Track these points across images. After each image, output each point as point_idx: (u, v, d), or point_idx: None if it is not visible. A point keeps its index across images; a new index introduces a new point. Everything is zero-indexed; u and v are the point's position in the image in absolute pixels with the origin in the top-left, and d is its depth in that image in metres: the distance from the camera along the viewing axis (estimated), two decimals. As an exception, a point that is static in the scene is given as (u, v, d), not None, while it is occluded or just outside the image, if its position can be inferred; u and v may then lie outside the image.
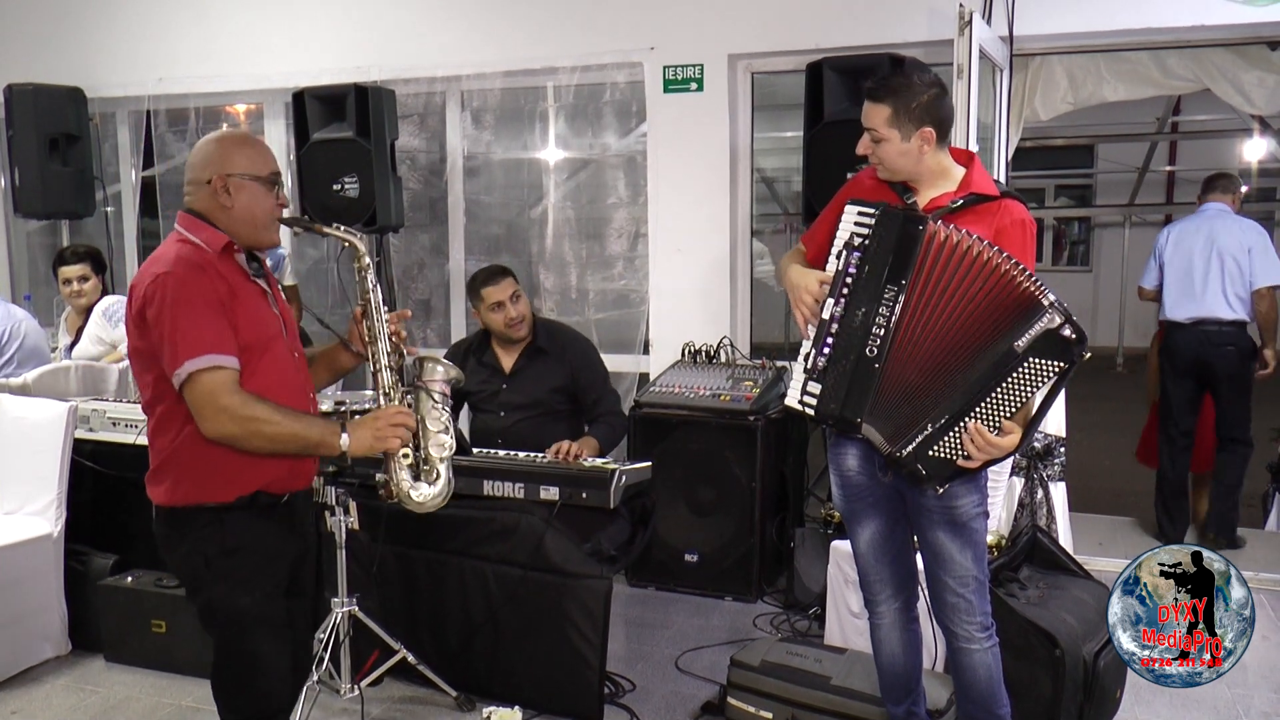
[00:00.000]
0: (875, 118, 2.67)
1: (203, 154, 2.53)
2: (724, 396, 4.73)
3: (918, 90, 2.65)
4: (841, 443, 2.84)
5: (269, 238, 2.57)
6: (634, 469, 3.71)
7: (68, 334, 5.37)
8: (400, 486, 2.60)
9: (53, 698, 3.84)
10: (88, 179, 6.21)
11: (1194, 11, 4.54)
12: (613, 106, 5.58)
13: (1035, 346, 2.44)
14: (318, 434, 2.44)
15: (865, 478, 2.82)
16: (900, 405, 2.60)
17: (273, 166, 2.57)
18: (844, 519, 2.96)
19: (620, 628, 4.32)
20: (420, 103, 5.94)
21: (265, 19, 6.02)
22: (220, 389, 2.35)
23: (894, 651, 2.98)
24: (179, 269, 2.38)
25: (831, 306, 2.64)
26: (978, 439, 2.49)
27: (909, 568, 2.96)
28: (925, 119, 2.64)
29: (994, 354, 2.49)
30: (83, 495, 4.25)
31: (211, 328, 2.36)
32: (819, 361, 2.65)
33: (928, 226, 2.54)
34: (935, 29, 4.72)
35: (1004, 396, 2.48)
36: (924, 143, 2.66)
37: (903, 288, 2.56)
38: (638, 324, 5.62)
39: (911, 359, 2.58)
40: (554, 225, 5.79)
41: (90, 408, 4.29)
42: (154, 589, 3.97)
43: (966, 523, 2.71)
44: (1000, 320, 2.48)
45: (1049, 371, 2.44)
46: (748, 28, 5.17)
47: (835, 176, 4.51)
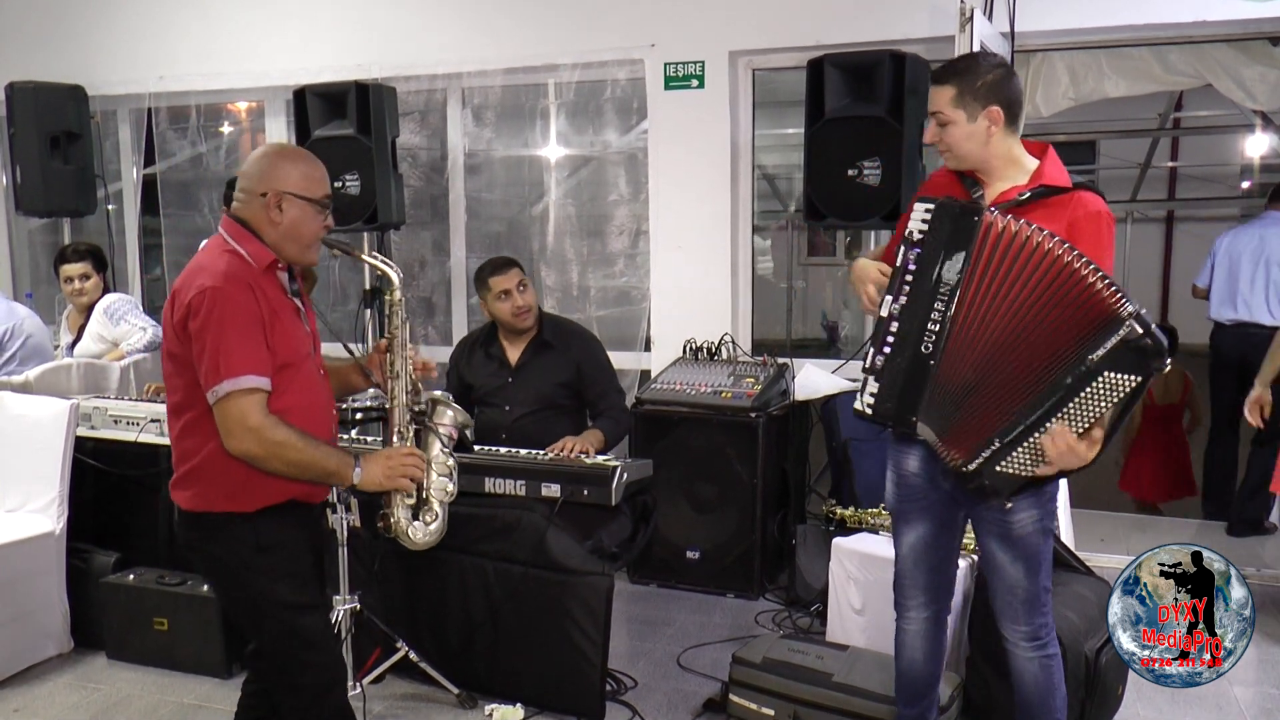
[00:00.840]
0: (940, 99, 2.61)
1: (260, 165, 2.56)
2: (725, 393, 4.72)
3: (983, 70, 2.61)
4: (906, 440, 2.77)
5: (310, 257, 2.62)
6: (635, 466, 3.71)
7: (69, 332, 5.37)
8: (399, 524, 2.66)
9: (55, 695, 3.85)
10: (89, 177, 6.21)
11: (1195, 7, 4.53)
12: (614, 103, 5.57)
13: (1111, 359, 2.31)
14: (334, 464, 2.50)
15: (924, 480, 2.76)
16: (957, 405, 2.51)
17: (327, 190, 2.60)
18: (892, 518, 2.91)
19: (622, 625, 4.32)
20: (421, 100, 5.94)
21: (266, 16, 6.02)
22: (252, 410, 2.40)
23: (915, 658, 2.94)
24: (227, 286, 2.41)
25: (890, 304, 2.57)
26: (1059, 444, 2.37)
27: (948, 579, 2.91)
28: (991, 98, 2.58)
29: (1066, 365, 2.37)
30: (84, 493, 4.25)
31: (250, 349, 2.41)
32: (877, 360, 2.59)
33: (983, 217, 2.46)
34: (937, 25, 4.71)
35: (1078, 411, 2.36)
36: (991, 123, 2.59)
37: (958, 282, 2.48)
38: (639, 321, 5.62)
39: (967, 356, 2.49)
40: (555, 222, 5.79)
41: (92, 405, 4.29)
42: (156, 586, 3.97)
43: (1021, 537, 2.64)
44: (1072, 327, 2.36)
45: (1124, 386, 2.32)
46: (748, 24, 5.16)
47: (836, 173, 4.55)
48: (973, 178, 2.69)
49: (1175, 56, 5.13)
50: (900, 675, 3.00)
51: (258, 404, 2.40)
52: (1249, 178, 13.74)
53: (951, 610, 2.99)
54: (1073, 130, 11.39)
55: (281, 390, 2.47)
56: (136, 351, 5.12)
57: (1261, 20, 4.54)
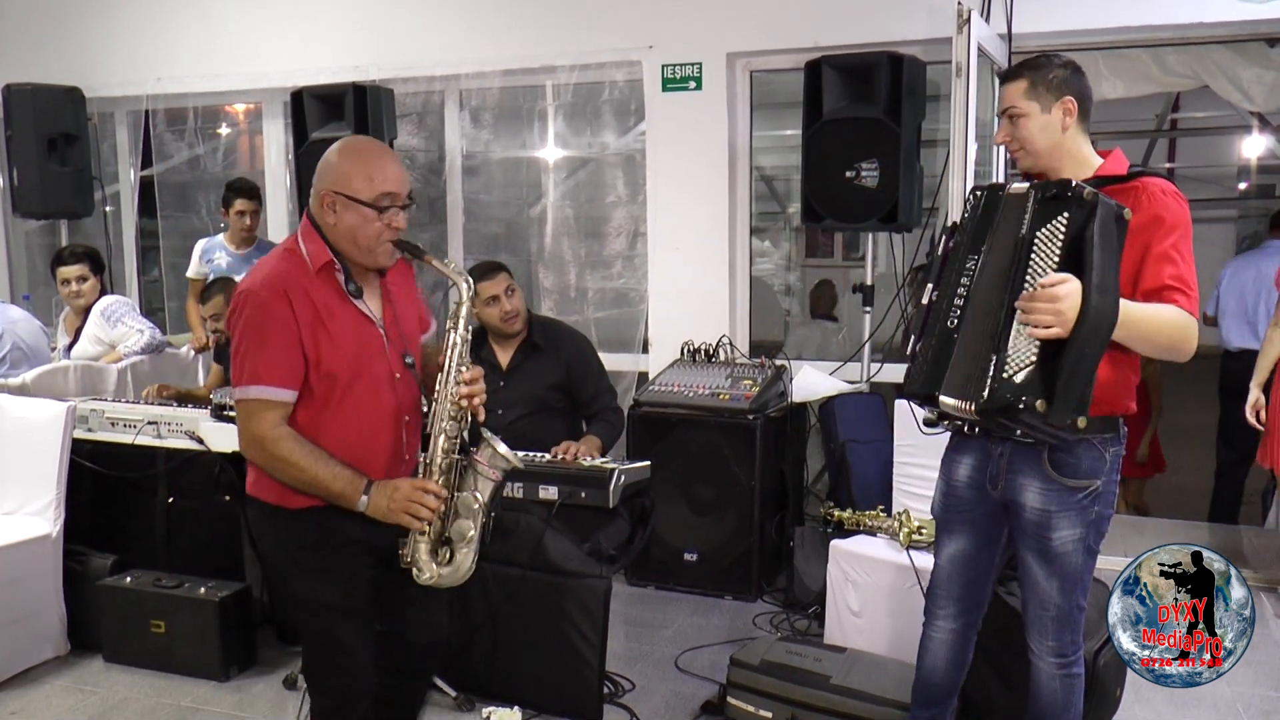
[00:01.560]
0: (1012, 94, 2.60)
1: (325, 162, 2.48)
2: (723, 395, 4.72)
3: (1055, 64, 2.61)
4: (959, 449, 2.74)
5: (377, 260, 2.47)
6: (633, 468, 3.71)
7: (66, 334, 5.37)
8: (413, 557, 2.49)
9: (52, 698, 3.84)
10: (86, 179, 6.21)
11: (1193, 8, 4.54)
12: (611, 105, 5.57)
13: (1034, 222, 2.35)
14: (339, 488, 2.41)
15: (972, 491, 2.72)
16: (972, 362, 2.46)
17: (384, 188, 2.42)
18: (936, 525, 2.87)
19: (620, 627, 4.31)
20: (419, 102, 5.95)
21: (264, 18, 6.02)
22: (259, 421, 2.39)
23: (937, 665, 2.90)
24: (263, 291, 2.38)
25: (930, 291, 2.58)
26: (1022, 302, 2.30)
27: (982, 593, 2.86)
28: (1065, 89, 2.58)
29: (1010, 255, 2.39)
30: (82, 495, 4.25)
31: (270, 359, 2.38)
32: (916, 347, 2.59)
33: (1009, 188, 2.48)
34: (934, 27, 4.72)
35: (1035, 275, 2.32)
36: (1066, 114, 2.58)
37: (983, 253, 2.48)
38: (637, 323, 5.62)
39: (976, 314, 2.47)
40: (553, 224, 5.79)
41: (89, 408, 4.28)
42: (153, 589, 3.96)
43: (1059, 554, 2.60)
44: (1007, 229, 2.42)
45: (1058, 229, 2.31)
46: (746, 26, 5.16)
47: (834, 174, 4.55)
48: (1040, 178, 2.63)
49: (1172, 58, 5.13)
50: (920, 678, 2.95)
51: (267, 415, 2.38)
52: (1246, 179, 13.76)
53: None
54: (1070, 131, 11.38)
55: (329, 401, 2.43)
56: (134, 354, 5.12)
57: (1258, 21, 4.55)
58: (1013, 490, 2.62)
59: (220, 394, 4.20)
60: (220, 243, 5.69)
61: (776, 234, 7.86)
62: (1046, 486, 2.56)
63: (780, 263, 7.74)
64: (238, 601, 3.96)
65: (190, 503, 4.26)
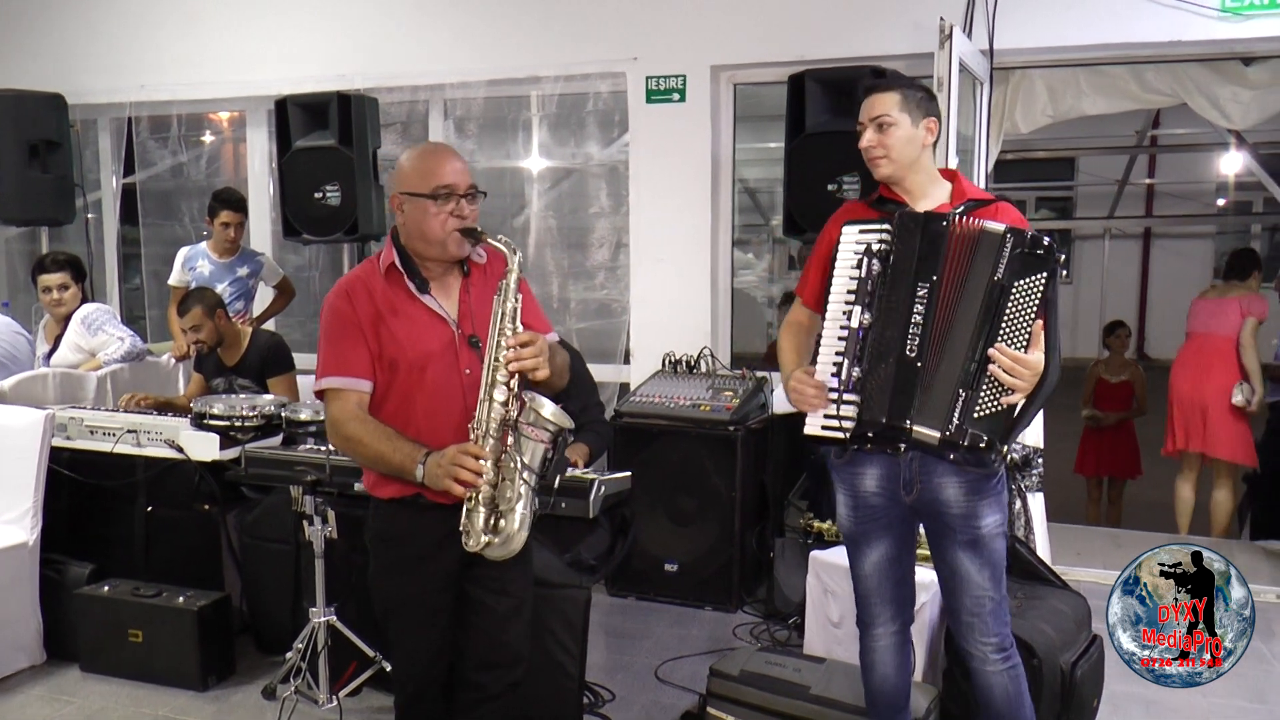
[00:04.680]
0: (885, 103, 2.71)
1: (394, 170, 2.64)
2: (704, 406, 4.73)
3: (918, 84, 2.78)
4: (859, 461, 2.76)
5: (448, 251, 2.56)
6: (614, 479, 3.70)
7: (46, 342, 5.34)
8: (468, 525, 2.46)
9: (27, 708, 3.81)
10: (68, 186, 6.17)
11: (1171, 27, 4.59)
12: (595, 116, 5.59)
13: (1011, 271, 2.49)
14: (399, 460, 2.49)
15: (883, 499, 2.75)
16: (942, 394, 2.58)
17: (440, 181, 2.52)
18: (848, 540, 2.89)
19: (600, 637, 4.32)
20: (403, 111, 5.95)
21: (248, 26, 6.02)
22: (332, 407, 2.58)
23: (887, 673, 2.92)
24: (333, 295, 2.60)
25: (859, 315, 2.61)
26: (1004, 361, 2.47)
27: (910, 592, 2.92)
28: (930, 110, 2.74)
29: (982, 296, 2.52)
30: (60, 504, 4.23)
31: (337, 351, 2.57)
32: (854, 372, 2.60)
33: (952, 219, 2.59)
34: (916, 42, 4.75)
35: (1011, 327, 2.50)
36: (928, 133, 2.73)
37: (935, 283, 2.58)
38: (619, 334, 5.63)
39: (946, 347, 2.58)
40: (536, 234, 5.80)
41: (68, 415, 4.26)
42: (131, 598, 3.94)
43: (988, 542, 2.68)
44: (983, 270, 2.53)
45: (1036, 286, 2.48)
46: (730, 39, 5.19)
47: (817, 187, 4.57)
48: (896, 200, 2.77)
49: (1152, 75, 5.18)
50: (873, 693, 2.97)
51: (337, 401, 2.55)
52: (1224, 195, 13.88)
53: (925, 619, 2.99)
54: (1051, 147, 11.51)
55: (398, 389, 2.57)
56: (114, 361, 5.09)
57: (1234, 40, 4.61)
58: (931, 491, 2.69)
59: (200, 403, 4.19)
60: (203, 251, 5.67)
61: (759, 246, 7.90)
62: (964, 479, 2.65)
63: (762, 275, 7.77)
64: (217, 611, 3.94)
65: (169, 511, 4.24)
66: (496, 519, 2.46)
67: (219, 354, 4.74)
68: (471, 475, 2.41)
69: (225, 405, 4.16)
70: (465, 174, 2.57)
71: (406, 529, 2.61)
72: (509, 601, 2.69)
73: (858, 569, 2.89)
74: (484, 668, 2.70)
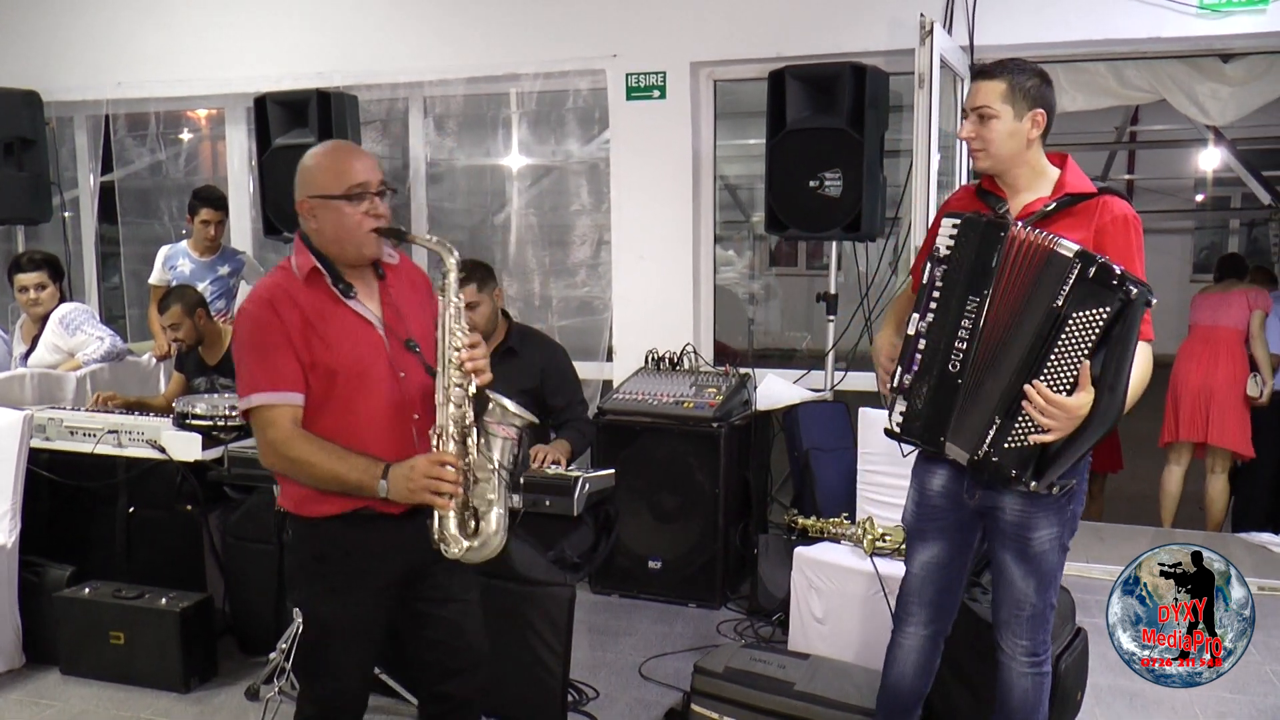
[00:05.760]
0: (988, 93, 2.58)
1: (297, 174, 2.49)
2: (687, 403, 4.73)
3: (1031, 71, 2.61)
4: (933, 460, 2.73)
5: (365, 252, 2.47)
6: (597, 476, 3.70)
7: (23, 342, 5.28)
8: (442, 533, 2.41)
9: (6, 712, 3.78)
10: (44, 184, 6.11)
11: (1150, 23, 4.61)
12: (575, 113, 5.58)
13: (1072, 300, 2.34)
14: (356, 478, 2.37)
15: (947, 500, 2.72)
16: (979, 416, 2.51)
17: (353, 179, 2.43)
18: (907, 535, 2.88)
19: (583, 635, 4.31)
20: (383, 109, 5.93)
21: (226, 23, 5.98)
22: (267, 428, 2.41)
23: (905, 672, 2.89)
24: (252, 306, 2.44)
25: (917, 322, 2.57)
26: (1037, 400, 2.35)
27: (953, 602, 2.87)
28: (1039, 101, 2.59)
29: (1037, 321, 2.40)
30: (39, 505, 4.19)
31: (266, 366, 2.40)
32: (905, 379, 2.58)
33: (1010, 231, 2.47)
34: (897, 38, 4.77)
35: (1060, 361, 2.36)
36: (1034, 126, 2.59)
37: (985, 297, 2.47)
38: (601, 331, 5.62)
39: (991, 367, 2.49)
40: (517, 232, 5.79)
41: (47, 416, 4.22)
42: (112, 600, 3.91)
43: (1038, 554, 2.62)
44: (1043, 292, 2.39)
45: (1096, 321, 2.32)
46: (710, 35, 5.19)
47: (798, 184, 4.57)
48: (996, 193, 2.67)
49: (1131, 72, 5.21)
50: (887, 688, 2.95)
51: (274, 419, 2.39)
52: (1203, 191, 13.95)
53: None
54: (1031, 142, 11.50)
55: (335, 398, 2.43)
56: (94, 361, 5.05)
57: (1213, 38, 4.64)
58: (991, 498, 2.64)
59: (182, 402, 4.16)
60: (183, 249, 5.64)
61: (740, 243, 7.89)
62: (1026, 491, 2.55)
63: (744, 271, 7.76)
64: (199, 612, 3.92)
65: (151, 512, 4.21)
66: (476, 522, 2.41)
67: (200, 353, 4.71)
68: (451, 485, 2.35)
69: (207, 405, 4.13)
70: (376, 170, 2.48)
71: (352, 545, 2.47)
72: (456, 606, 2.63)
73: (909, 565, 2.86)
74: (447, 676, 2.65)
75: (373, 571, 2.50)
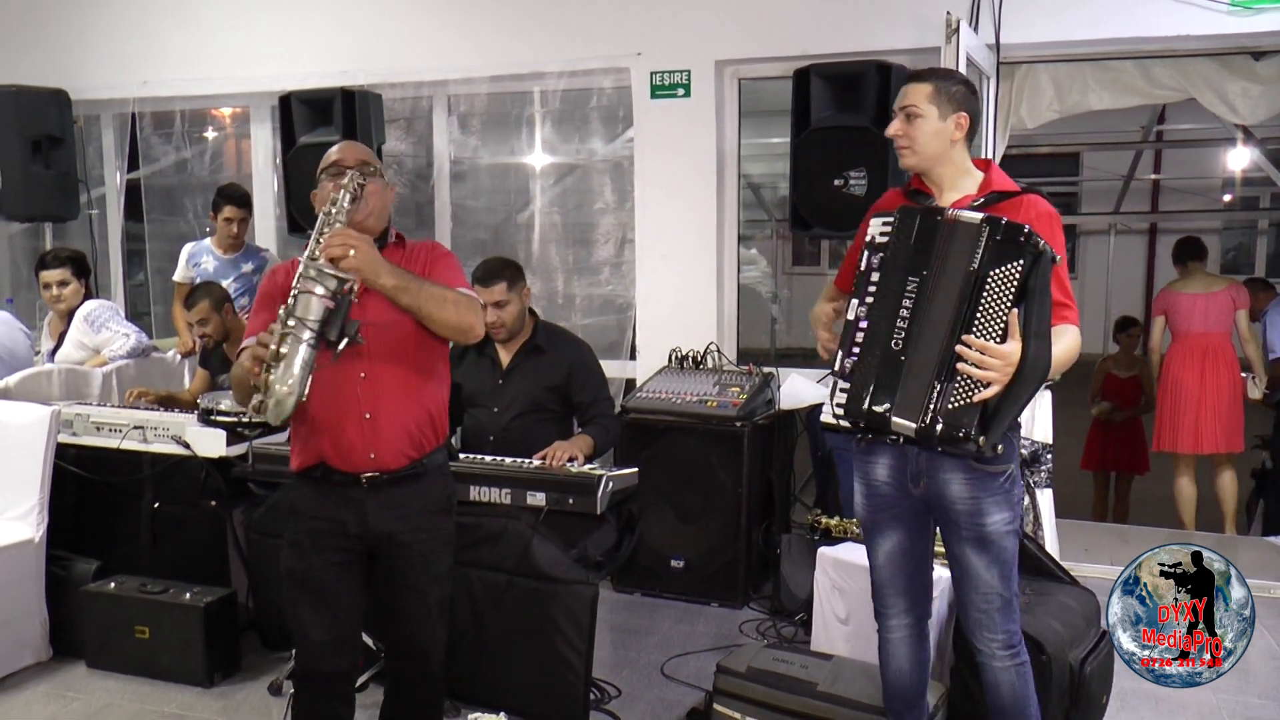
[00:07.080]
0: (915, 94, 2.73)
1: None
2: (711, 402, 4.72)
3: (957, 79, 2.80)
4: (873, 451, 2.79)
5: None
6: (620, 475, 3.70)
7: (50, 338, 5.33)
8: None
9: (33, 705, 3.81)
10: (71, 182, 6.16)
11: (1179, 21, 4.56)
12: (599, 112, 5.58)
13: (987, 260, 2.47)
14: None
15: (894, 489, 2.77)
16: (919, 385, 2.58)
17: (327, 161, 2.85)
18: (864, 530, 2.91)
19: (606, 634, 4.31)
20: (407, 107, 5.93)
21: (251, 22, 6.00)
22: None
23: (901, 667, 2.93)
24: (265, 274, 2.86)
25: (856, 308, 2.65)
26: (972, 354, 2.45)
27: (925, 584, 2.92)
28: (963, 106, 2.73)
29: (959, 286, 2.51)
30: (65, 500, 4.22)
31: (257, 321, 2.71)
32: (846, 364, 2.64)
33: (946, 214, 2.58)
34: (922, 37, 4.73)
35: (987, 316, 2.48)
36: (957, 128, 2.72)
37: (925, 278, 2.57)
38: (624, 330, 5.61)
39: (925, 339, 2.57)
40: (540, 230, 5.79)
41: (74, 412, 4.25)
42: (138, 594, 3.94)
43: (995, 540, 2.67)
44: (957, 258, 2.53)
45: (1013, 275, 2.45)
46: (735, 34, 5.17)
47: (822, 183, 4.55)
48: (925, 191, 2.79)
49: (1159, 70, 5.16)
50: (889, 686, 2.98)
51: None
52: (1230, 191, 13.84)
53: (934, 616, 2.99)
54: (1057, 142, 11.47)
55: None
56: (120, 357, 5.08)
57: (1243, 35, 4.58)
58: (937, 486, 2.69)
59: (207, 399, 4.18)
60: (207, 247, 5.67)
61: (762, 242, 7.88)
62: (970, 476, 2.65)
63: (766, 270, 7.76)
64: (223, 607, 3.94)
65: (176, 508, 4.25)
66: (268, 376, 2.45)
67: (225, 349, 4.74)
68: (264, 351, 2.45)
69: (232, 401, 4.14)
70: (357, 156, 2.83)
71: (309, 501, 2.75)
72: (414, 596, 2.81)
73: (872, 559, 2.90)
74: (396, 658, 2.98)
75: (324, 532, 2.74)
